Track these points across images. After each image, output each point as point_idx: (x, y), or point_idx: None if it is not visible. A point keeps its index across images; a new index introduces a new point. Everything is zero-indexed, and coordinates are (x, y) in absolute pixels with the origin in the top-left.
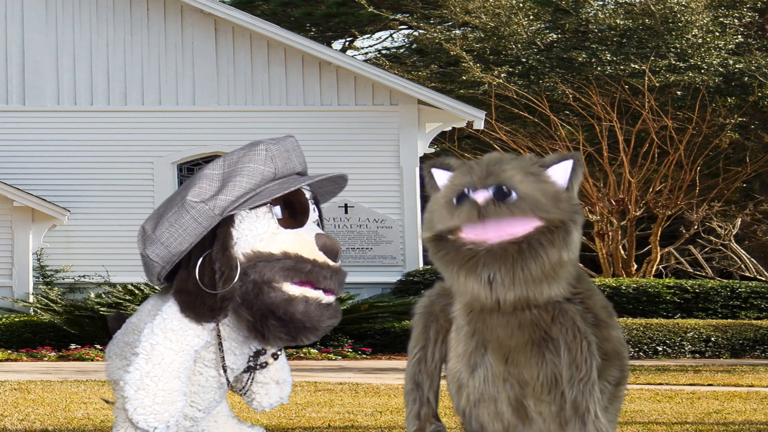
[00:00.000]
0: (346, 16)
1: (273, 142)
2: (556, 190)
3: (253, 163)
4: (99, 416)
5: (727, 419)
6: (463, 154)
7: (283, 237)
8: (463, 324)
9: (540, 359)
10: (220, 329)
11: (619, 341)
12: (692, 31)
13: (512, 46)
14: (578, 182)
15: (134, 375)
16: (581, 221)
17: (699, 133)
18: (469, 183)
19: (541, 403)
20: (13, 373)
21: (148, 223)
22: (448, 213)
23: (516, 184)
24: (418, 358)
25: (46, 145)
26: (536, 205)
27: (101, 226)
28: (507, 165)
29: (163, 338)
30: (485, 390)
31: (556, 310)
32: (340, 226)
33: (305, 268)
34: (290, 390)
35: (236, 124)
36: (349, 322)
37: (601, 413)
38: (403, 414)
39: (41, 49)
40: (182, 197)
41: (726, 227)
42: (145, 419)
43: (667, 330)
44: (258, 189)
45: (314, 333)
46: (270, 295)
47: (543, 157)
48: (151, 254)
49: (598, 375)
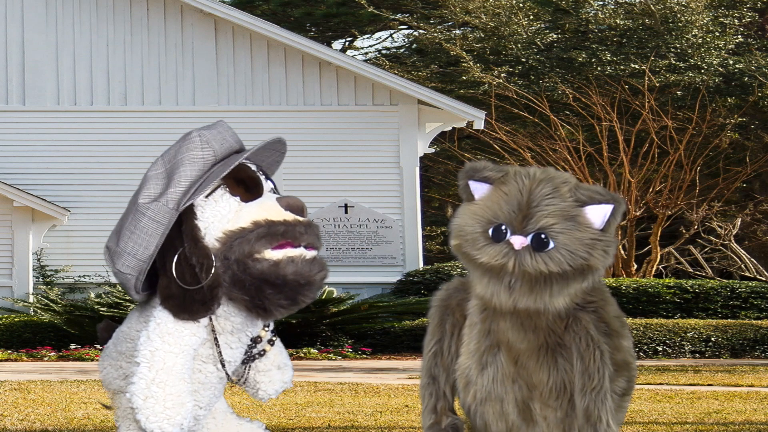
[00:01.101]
0: (346, 16)
1: (204, 128)
2: (592, 236)
3: (190, 151)
4: (99, 416)
5: (727, 419)
6: (462, 154)
7: (248, 209)
8: (477, 321)
9: (552, 364)
10: (214, 324)
11: (629, 352)
12: (692, 31)
13: (512, 46)
14: (616, 224)
15: (140, 385)
16: (613, 257)
17: (699, 133)
18: (507, 220)
19: (547, 407)
20: (13, 373)
21: (111, 241)
22: (482, 246)
23: (555, 234)
24: (434, 351)
25: (46, 145)
26: (572, 257)
27: (101, 226)
28: (547, 207)
29: (161, 343)
30: (493, 389)
31: (570, 317)
32: (340, 226)
33: (279, 230)
34: (292, 374)
35: (236, 124)
36: (349, 322)
37: (613, 422)
38: (404, 414)
39: (41, 49)
40: (134, 204)
41: (726, 227)
42: (159, 426)
43: (667, 330)
44: (204, 175)
45: (310, 289)
46: (256, 266)
47: (582, 188)
48: (122, 268)
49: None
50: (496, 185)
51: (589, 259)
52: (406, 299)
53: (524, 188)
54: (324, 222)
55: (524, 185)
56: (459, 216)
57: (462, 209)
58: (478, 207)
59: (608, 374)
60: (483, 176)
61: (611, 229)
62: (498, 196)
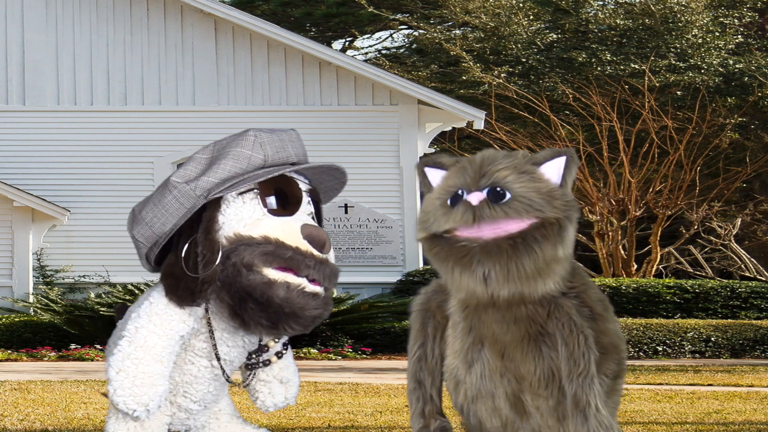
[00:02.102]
0: (346, 16)
1: (267, 130)
2: (549, 188)
3: (240, 147)
4: (99, 416)
5: (727, 419)
6: (462, 154)
7: (267, 222)
8: (459, 320)
9: (537, 354)
10: (210, 318)
11: (616, 334)
12: (692, 31)
13: (512, 46)
14: (572, 178)
15: (116, 357)
16: (576, 217)
17: (699, 133)
18: (463, 184)
19: (539, 397)
20: (13, 373)
21: (138, 205)
22: (443, 215)
23: (510, 185)
24: (418, 355)
25: (46, 145)
26: (530, 205)
27: (101, 226)
28: (500, 164)
29: (147, 321)
30: (482, 385)
31: (551, 305)
32: (340, 226)
33: (285, 254)
34: (297, 391)
35: (236, 124)
36: (349, 322)
37: (602, 406)
38: (404, 414)
39: (41, 49)
40: (168, 178)
41: (726, 227)
42: (124, 401)
43: (667, 330)
44: (245, 174)
45: (296, 321)
46: (249, 277)
47: (536, 154)
48: (137, 235)
49: (596, 369)
50: (450, 169)
51: (547, 209)
52: (406, 299)
53: (477, 156)
54: (324, 222)
55: (477, 155)
56: (421, 210)
57: (423, 203)
58: (436, 189)
59: (594, 358)
60: (437, 162)
61: (568, 184)
62: (452, 172)
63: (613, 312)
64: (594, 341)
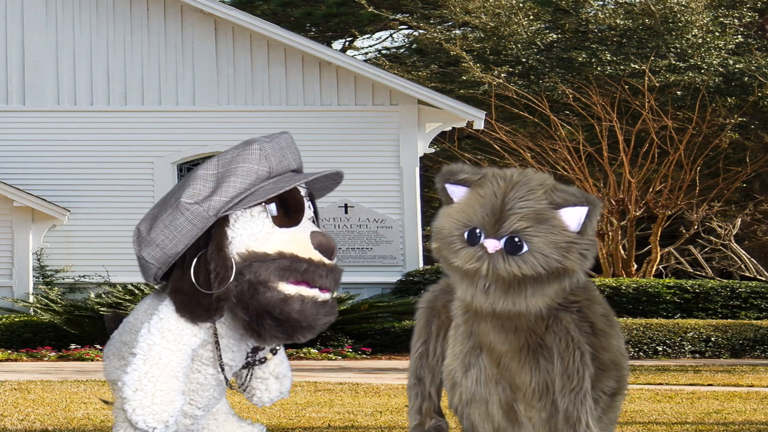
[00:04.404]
0: (346, 16)
1: (267, 139)
2: (568, 240)
3: (247, 162)
4: (99, 416)
5: (727, 419)
6: (462, 154)
7: (278, 236)
8: (461, 323)
9: (534, 365)
10: (216, 327)
11: (618, 351)
12: (692, 31)
13: (512, 46)
14: (593, 227)
15: (132, 376)
16: (592, 259)
17: (699, 133)
18: (481, 224)
19: (532, 408)
20: (13, 373)
21: (143, 225)
22: (458, 249)
23: (528, 237)
24: (420, 352)
25: (46, 145)
26: (546, 261)
27: (101, 226)
28: (521, 209)
29: (160, 338)
30: (477, 390)
31: (550, 318)
32: (340, 226)
33: (301, 268)
34: (290, 384)
35: (236, 124)
36: (349, 322)
37: (593, 423)
38: (403, 414)
39: (41, 49)
40: (176, 199)
41: (726, 227)
42: (144, 420)
43: (667, 330)
44: (252, 188)
45: (310, 331)
46: (266, 295)
47: (559, 191)
48: (146, 256)
49: (592, 385)
50: (473, 187)
51: (564, 261)
52: (406, 299)
53: (499, 191)
54: (324, 222)
55: (499, 188)
56: (438, 219)
57: (441, 212)
58: (455, 210)
59: (588, 375)
60: (459, 179)
61: (588, 232)
62: (474, 199)
63: (619, 329)
64: (592, 357)
